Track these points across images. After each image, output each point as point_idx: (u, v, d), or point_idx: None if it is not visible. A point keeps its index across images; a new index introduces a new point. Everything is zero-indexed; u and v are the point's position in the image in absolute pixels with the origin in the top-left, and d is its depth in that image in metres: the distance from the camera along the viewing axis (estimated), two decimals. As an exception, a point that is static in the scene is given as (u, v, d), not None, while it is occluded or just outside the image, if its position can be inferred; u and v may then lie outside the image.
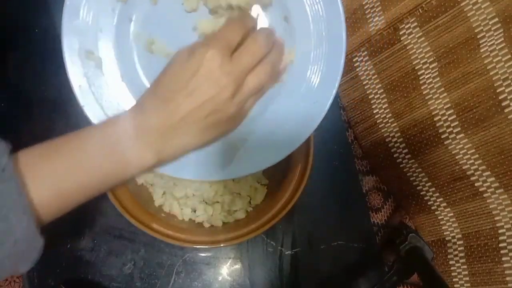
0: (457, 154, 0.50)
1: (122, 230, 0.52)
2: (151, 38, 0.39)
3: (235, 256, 0.54)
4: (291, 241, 0.55)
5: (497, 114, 0.46)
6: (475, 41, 0.45)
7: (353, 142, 0.63)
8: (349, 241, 0.56)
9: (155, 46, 0.39)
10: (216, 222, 0.50)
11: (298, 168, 0.51)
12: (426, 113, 0.52)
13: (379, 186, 0.62)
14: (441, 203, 0.55)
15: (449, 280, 0.54)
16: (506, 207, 0.48)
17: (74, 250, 0.51)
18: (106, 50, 0.38)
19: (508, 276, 0.48)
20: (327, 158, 0.59)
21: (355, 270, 0.56)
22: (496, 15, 0.43)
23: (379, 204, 0.62)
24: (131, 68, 0.40)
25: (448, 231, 0.55)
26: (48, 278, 0.50)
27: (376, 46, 0.54)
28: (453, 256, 0.54)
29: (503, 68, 0.44)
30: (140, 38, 0.39)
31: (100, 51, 0.38)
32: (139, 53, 0.40)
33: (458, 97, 0.48)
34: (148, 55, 0.40)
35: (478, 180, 0.50)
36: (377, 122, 0.58)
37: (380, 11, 0.52)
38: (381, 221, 0.61)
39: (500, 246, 0.48)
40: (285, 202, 0.49)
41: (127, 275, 0.51)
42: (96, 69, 0.38)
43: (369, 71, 0.57)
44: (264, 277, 0.54)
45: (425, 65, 0.50)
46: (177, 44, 0.39)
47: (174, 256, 0.52)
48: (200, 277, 0.52)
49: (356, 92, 0.59)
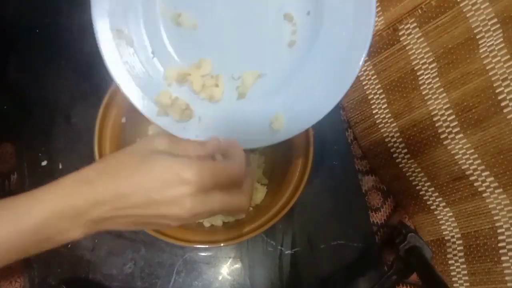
0: (456, 154, 0.51)
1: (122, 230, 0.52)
2: (177, 10, 0.39)
3: (235, 256, 0.54)
4: (291, 240, 0.55)
5: (496, 114, 0.46)
6: (474, 41, 0.45)
7: (353, 142, 0.63)
8: (348, 241, 0.57)
9: (182, 18, 0.39)
10: (216, 221, 0.50)
11: (298, 168, 0.51)
12: (425, 113, 0.52)
13: (378, 185, 0.62)
14: (440, 203, 0.55)
15: (448, 280, 0.54)
16: (505, 206, 0.48)
17: (75, 250, 0.51)
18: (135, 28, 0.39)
19: (507, 276, 0.48)
20: (327, 158, 0.60)
21: (354, 269, 0.56)
22: (495, 16, 0.43)
23: (379, 204, 0.62)
24: (160, 42, 0.40)
25: (447, 230, 0.55)
26: (49, 277, 0.50)
27: (376, 47, 0.55)
28: (452, 256, 0.54)
29: (502, 69, 0.44)
30: (167, 12, 0.40)
31: (130, 29, 0.39)
32: (166, 27, 0.40)
33: (457, 97, 0.48)
34: (175, 29, 0.40)
35: (477, 180, 0.50)
36: (376, 122, 0.58)
37: (379, 12, 0.53)
38: (381, 221, 0.61)
39: (499, 245, 0.49)
40: (285, 202, 0.49)
41: (127, 274, 0.51)
42: (127, 47, 0.39)
43: (368, 71, 0.57)
44: (264, 277, 0.54)
45: (425, 65, 0.50)
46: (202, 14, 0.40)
47: (174, 256, 0.53)
48: (200, 276, 0.53)
49: (355, 92, 0.59)
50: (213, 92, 0.40)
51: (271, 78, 0.41)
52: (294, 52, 0.41)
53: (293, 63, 0.41)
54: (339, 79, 0.39)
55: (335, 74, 0.39)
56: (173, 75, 0.40)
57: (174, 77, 0.40)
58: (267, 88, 0.41)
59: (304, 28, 0.40)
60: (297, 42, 0.41)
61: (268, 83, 0.41)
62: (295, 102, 0.40)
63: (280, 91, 0.41)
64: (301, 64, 0.40)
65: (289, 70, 0.41)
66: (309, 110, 0.40)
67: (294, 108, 0.40)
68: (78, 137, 0.54)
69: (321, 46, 0.39)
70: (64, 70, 0.57)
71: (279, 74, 0.41)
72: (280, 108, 0.40)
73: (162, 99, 0.39)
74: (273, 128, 0.40)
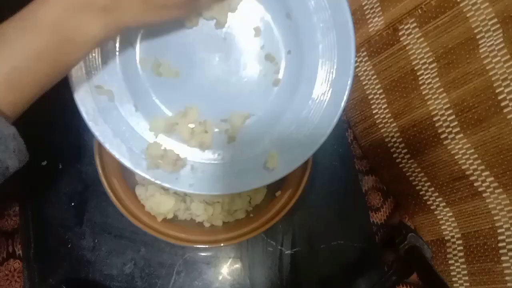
0: (456, 154, 0.51)
1: (122, 230, 0.52)
2: (157, 60, 0.39)
3: (235, 256, 0.54)
4: (291, 240, 0.55)
5: (496, 114, 0.46)
6: (474, 41, 0.45)
7: (353, 142, 0.63)
8: (348, 241, 0.57)
9: (163, 68, 0.39)
10: (216, 221, 0.50)
11: (298, 168, 0.51)
12: (425, 113, 0.52)
13: (378, 186, 0.62)
14: (440, 203, 0.55)
15: (448, 280, 0.54)
16: (505, 206, 0.48)
17: (75, 250, 0.51)
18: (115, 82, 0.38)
19: (507, 276, 0.48)
20: (327, 158, 0.60)
21: (354, 269, 0.56)
22: (495, 16, 0.43)
23: (379, 204, 0.62)
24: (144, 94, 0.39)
25: (447, 230, 0.55)
26: (49, 277, 0.50)
27: (376, 47, 0.55)
28: (452, 256, 0.54)
29: (502, 69, 0.44)
30: (146, 63, 0.39)
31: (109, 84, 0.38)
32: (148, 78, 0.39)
33: (457, 97, 0.48)
34: (157, 79, 0.39)
35: (477, 180, 0.50)
36: (376, 122, 0.58)
37: (379, 12, 0.53)
38: (381, 221, 0.61)
39: (499, 245, 0.49)
40: (285, 202, 0.49)
41: (127, 274, 0.51)
42: (109, 102, 0.38)
43: (368, 71, 0.57)
44: (264, 277, 0.54)
45: (425, 65, 0.50)
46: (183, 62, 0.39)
47: (174, 256, 0.53)
48: (200, 276, 0.53)
49: (355, 92, 0.59)
50: (203, 138, 0.40)
51: (260, 118, 0.41)
52: (280, 90, 0.41)
53: (280, 101, 0.41)
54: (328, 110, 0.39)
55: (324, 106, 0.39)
56: (160, 126, 0.39)
57: (162, 128, 0.39)
58: (257, 128, 0.41)
59: (287, 67, 0.40)
60: (281, 80, 0.41)
61: (258, 123, 0.41)
62: (287, 139, 0.40)
63: (271, 130, 0.40)
64: (289, 101, 0.40)
65: (278, 108, 0.40)
66: (303, 144, 0.39)
67: (287, 145, 0.40)
68: (78, 137, 0.54)
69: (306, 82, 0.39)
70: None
71: (267, 113, 0.41)
72: (273, 147, 0.40)
73: (152, 151, 0.38)
74: (268, 167, 0.39)
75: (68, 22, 0.28)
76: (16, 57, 0.27)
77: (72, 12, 0.28)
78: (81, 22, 0.28)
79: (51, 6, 0.28)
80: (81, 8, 0.28)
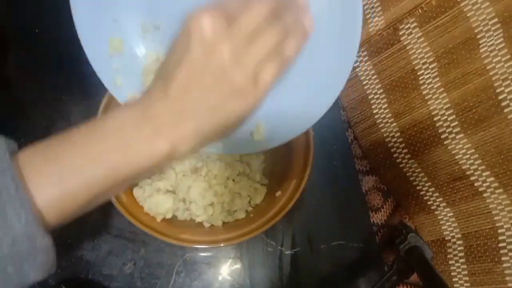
0: (456, 154, 0.51)
1: (122, 230, 0.52)
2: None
3: (235, 256, 0.54)
4: (291, 241, 0.55)
5: (497, 114, 0.46)
6: (474, 41, 0.45)
7: (353, 142, 0.63)
8: (349, 241, 0.57)
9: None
10: (216, 222, 0.50)
11: (297, 168, 0.51)
12: (425, 113, 0.52)
13: (378, 186, 0.62)
14: (440, 203, 0.55)
15: (449, 280, 0.54)
16: (505, 207, 0.48)
17: (75, 250, 0.51)
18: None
19: (507, 276, 0.48)
20: (327, 158, 0.60)
21: (355, 270, 0.56)
22: (495, 16, 0.43)
23: (379, 204, 0.62)
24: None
25: (448, 231, 0.55)
26: (49, 277, 0.50)
27: (376, 47, 0.54)
28: (453, 256, 0.54)
29: (503, 68, 0.44)
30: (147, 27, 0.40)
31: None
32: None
33: (457, 97, 0.48)
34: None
35: (477, 180, 0.50)
36: (376, 122, 0.58)
37: (379, 11, 0.53)
38: (381, 221, 0.61)
39: (500, 246, 0.48)
40: (285, 202, 0.49)
41: (127, 275, 0.51)
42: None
43: (368, 71, 0.57)
44: (264, 277, 0.54)
45: (425, 65, 0.50)
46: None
47: (174, 256, 0.53)
48: (200, 276, 0.53)
49: (355, 92, 0.59)
50: None
51: None
52: None
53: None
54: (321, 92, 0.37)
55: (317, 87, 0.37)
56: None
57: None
58: None
59: None
60: None
61: None
62: (276, 112, 0.38)
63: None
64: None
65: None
66: (293, 121, 0.38)
67: (276, 119, 0.38)
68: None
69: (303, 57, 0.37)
70: (64, 69, 0.57)
71: None
72: (260, 118, 0.39)
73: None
74: (254, 138, 0.39)
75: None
76: (75, 168, 0.26)
77: (135, 126, 0.28)
78: (143, 138, 0.27)
79: None
80: (143, 122, 0.27)
